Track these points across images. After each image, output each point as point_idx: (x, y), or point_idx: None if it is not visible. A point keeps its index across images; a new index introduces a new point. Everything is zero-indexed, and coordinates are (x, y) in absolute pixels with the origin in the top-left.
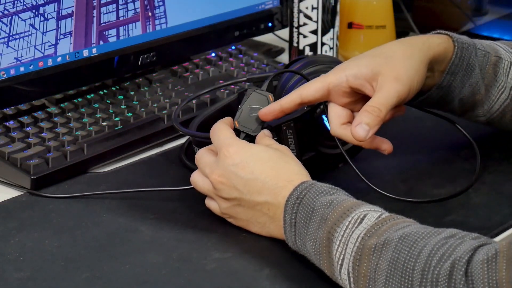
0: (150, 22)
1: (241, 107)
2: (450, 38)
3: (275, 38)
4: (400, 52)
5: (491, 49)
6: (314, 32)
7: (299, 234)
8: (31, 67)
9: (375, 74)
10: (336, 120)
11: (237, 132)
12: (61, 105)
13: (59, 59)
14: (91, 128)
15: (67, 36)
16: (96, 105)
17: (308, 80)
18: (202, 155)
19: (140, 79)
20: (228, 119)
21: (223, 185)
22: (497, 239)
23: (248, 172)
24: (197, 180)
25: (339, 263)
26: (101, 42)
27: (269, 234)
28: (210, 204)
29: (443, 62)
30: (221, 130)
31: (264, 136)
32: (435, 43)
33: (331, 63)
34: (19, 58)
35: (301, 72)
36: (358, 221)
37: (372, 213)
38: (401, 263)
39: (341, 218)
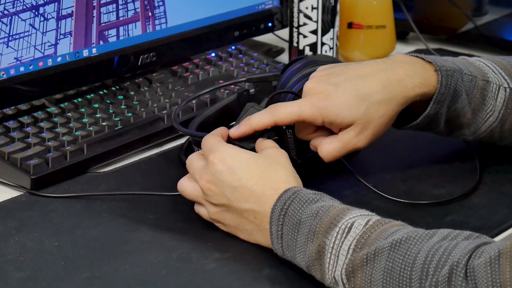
0: (150, 22)
1: (237, 121)
2: (432, 66)
3: (275, 38)
4: (381, 111)
5: (478, 72)
6: (314, 32)
7: (287, 246)
8: (31, 67)
9: (349, 123)
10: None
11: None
12: (61, 105)
13: (59, 59)
14: (91, 128)
15: (67, 36)
16: (96, 105)
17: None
18: (193, 161)
19: (140, 79)
20: (220, 129)
21: (212, 191)
22: (497, 239)
23: (236, 179)
24: (186, 185)
25: (332, 275)
26: (101, 42)
27: (256, 242)
28: (199, 209)
29: (426, 96)
30: (209, 138)
31: (263, 139)
32: (412, 85)
33: (331, 63)
34: (19, 58)
35: (295, 92)
36: (346, 230)
37: (359, 220)
38: (397, 272)
39: (329, 229)
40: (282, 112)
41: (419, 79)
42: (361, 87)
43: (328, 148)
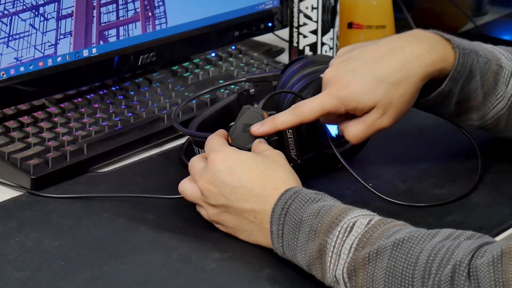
0: (150, 22)
1: (235, 124)
2: (449, 43)
3: (275, 38)
4: (400, 90)
5: (492, 56)
6: (314, 32)
7: (288, 245)
8: (31, 67)
9: (371, 106)
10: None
11: None
12: (61, 105)
13: (59, 59)
14: (91, 128)
15: (67, 36)
16: (96, 105)
17: (302, 98)
18: (194, 163)
19: (140, 79)
20: (222, 130)
21: (210, 192)
22: (497, 239)
23: (235, 179)
24: (186, 187)
25: (333, 274)
26: (101, 42)
27: (256, 242)
28: (200, 210)
29: (442, 73)
30: (213, 139)
31: (260, 142)
32: (431, 61)
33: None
34: (19, 58)
35: (295, 92)
36: (348, 230)
37: (361, 220)
38: (399, 271)
39: (331, 228)
40: (305, 111)
41: (438, 54)
42: (377, 69)
43: (353, 131)
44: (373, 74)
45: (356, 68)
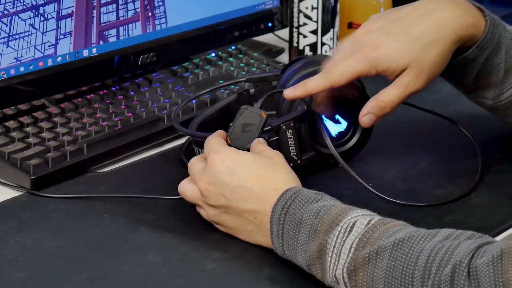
0: (150, 22)
1: (233, 124)
2: (481, 12)
3: (275, 38)
4: (435, 51)
5: None
6: (314, 32)
7: (288, 245)
8: (31, 67)
9: (403, 67)
10: None
11: None
12: (61, 105)
13: (59, 59)
14: (91, 128)
15: (67, 36)
16: (96, 105)
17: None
18: (193, 163)
19: (140, 79)
20: (221, 131)
21: (210, 192)
22: (497, 239)
23: (235, 179)
24: (186, 188)
25: (333, 274)
26: (101, 42)
27: (256, 242)
28: (200, 210)
29: (472, 40)
30: (212, 139)
31: (259, 143)
32: (466, 24)
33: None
34: (19, 58)
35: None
36: (348, 229)
37: (361, 219)
38: (399, 271)
39: (331, 228)
40: (335, 75)
41: (472, 19)
42: (412, 30)
43: (389, 95)
44: (407, 35)
45: (390, 29)
